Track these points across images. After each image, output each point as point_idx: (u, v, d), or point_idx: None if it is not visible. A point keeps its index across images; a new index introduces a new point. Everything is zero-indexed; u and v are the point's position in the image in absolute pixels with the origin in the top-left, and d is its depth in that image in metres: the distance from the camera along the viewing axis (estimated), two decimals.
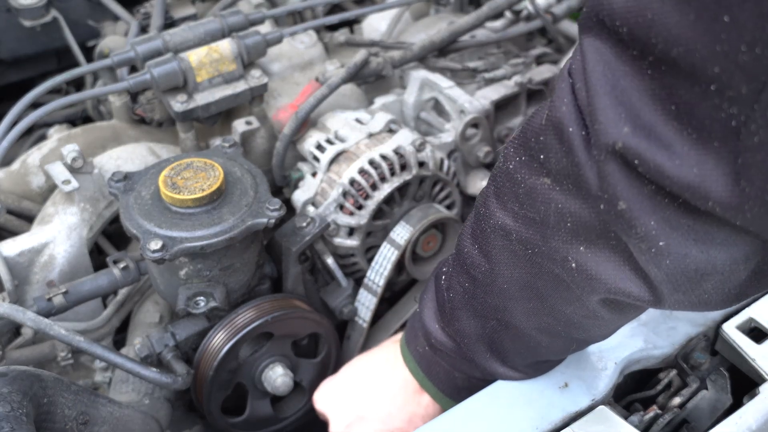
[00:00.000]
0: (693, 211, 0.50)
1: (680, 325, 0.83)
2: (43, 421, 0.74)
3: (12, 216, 1.09)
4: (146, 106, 1.18)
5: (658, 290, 0.56)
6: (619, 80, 0.49)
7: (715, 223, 0.50)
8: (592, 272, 0.58)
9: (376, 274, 1.08)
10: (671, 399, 0.78)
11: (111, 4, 1.35)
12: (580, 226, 0.57)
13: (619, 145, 0.49)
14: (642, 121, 0.48)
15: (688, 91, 0.45)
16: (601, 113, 0.49)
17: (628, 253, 0.56)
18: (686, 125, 0.46)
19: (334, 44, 1.35)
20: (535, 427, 0.74)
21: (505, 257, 0.66)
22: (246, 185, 0.94)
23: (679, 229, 0.51)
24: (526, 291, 0.66)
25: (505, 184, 0.63)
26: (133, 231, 0.88)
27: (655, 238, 0.51)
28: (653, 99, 0.47)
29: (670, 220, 0.51)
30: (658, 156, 0.47)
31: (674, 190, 0.48)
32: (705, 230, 0.51)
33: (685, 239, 0.51)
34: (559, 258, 0.60)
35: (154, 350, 0.96)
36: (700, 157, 0.46)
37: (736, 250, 0.52)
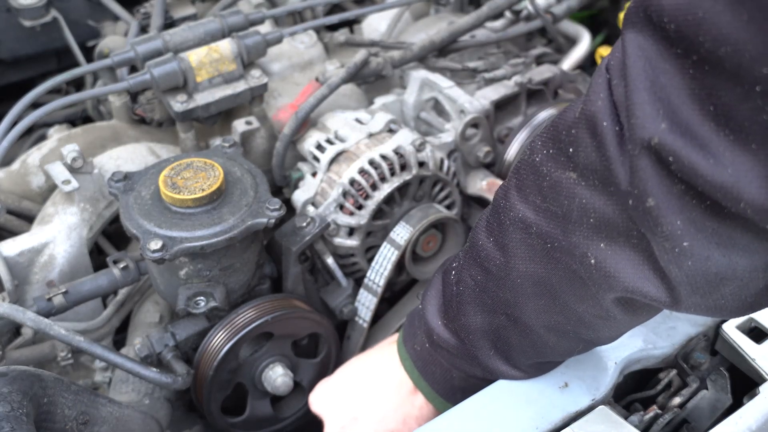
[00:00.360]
0: (719, 214, 0.50)
1: (680, 325, 0.83)
2: (43, 420, 0.74)
3: (12, 216, 1.09)
4: (146, 106, 1.18)
5: (677, 291, 0.56)
6: (659, 77, 0.49)
7: (739, 228, 0.51)
8: (611, 269, 0.58)
9: (376, 274, 1.08)
10: (671, 399, 0.78)
11: (111, 4, 1.35)
12: (603, 222, 0.57)
13: (654, 141, 0.49)
14: (679, 118, 0.48)
15: (730, 92, 0.46)
16: (639, 108, 0.50)
17: (649, 253, 0.56)
18: (724, 126, 0.47)
19: (334, 44, 1.36)
20: (535, 426, 0.74)
21: (522, 251, 0.66)
22: (246, 185, 0.94)
23: (704, 231, 0.51)
24: (540, 287, 0.66)
25: (529, 177, 0.63)
26: (133, 231, 0.88)
27: (680, 238, 0.52)
28: (692, 98, 0.48)
29: (696, 222, 0.51)
30: (693, 155, 0.48)
31: (706, 190, 0.48)
32: (729, 235, 0.51)
33: (709, 242, 0.52)
34: (579, 254, 0.60)
35: (154, 350, 0.96)
36: (736, 158, 0.46)
37: (757, 258, 0.53)
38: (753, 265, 0.53)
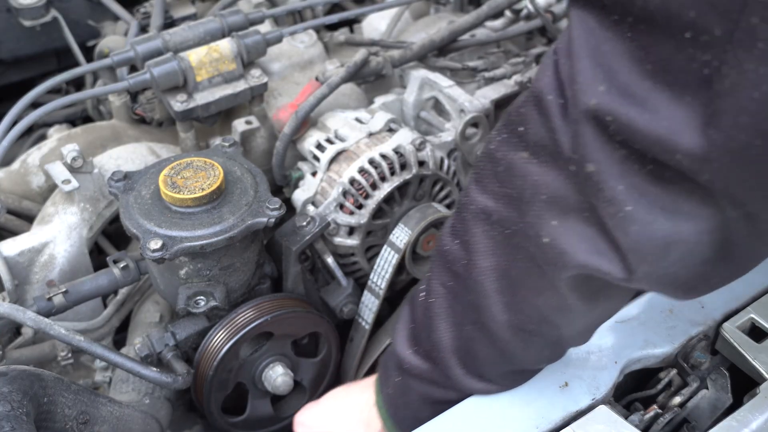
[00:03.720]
0: (662, 179, 0.51)
1: (680, 325, 0.83)
2: (43, 420, 0.74)
3: (12, 216, 1.09)
4: (146, 106, 1.18)
5: (627, 260, 0.56)
6: (600, 45, 0.51)
7: (683, 193, 0.52)
8: (564, 246, 0.58)
9: (378, 276, 1.08)
10: (671, 398, 0.78)
11: (111, 3, 1.35)
12: (555, 198, 0.58)
13: (593, 103, 0.51)
14: (618, 80, 0.50)
15: (664, 46, 0.47)
16: (580, 75, 0.51)
17: (601, 225, 0.56)
18: (661, 82, 0.48)
19: (333, 44, 1.36)
20: (535, 426, 0.74)
21: (483, 244, 0.66)
22: (246, 184, 0.94)
23: (647, 195, 0.52)
24: (501, 281, 0.66)
25: (486, 167, 0.64)
26: (133, 230, 0.88)
27: (623, 203, 0.53)
28: (631, 60, 0.49)
29: (639, 187, 0.52)
30: (631, 112, 0.49)
31: (644, 146, 0.49)
32: (672, 199, 0.52)
33: (653, 206, 0.53)
34: (533, 234, 0.60)
35: (154, 350, 0.96)
36: (672, 111, 0.48)
37: (702, 222, 0.53)
38: (698, 229, 0.54)
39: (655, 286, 0.59)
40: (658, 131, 0.48)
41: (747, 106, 0.45)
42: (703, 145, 0.47)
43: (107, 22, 1.41)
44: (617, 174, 0.52)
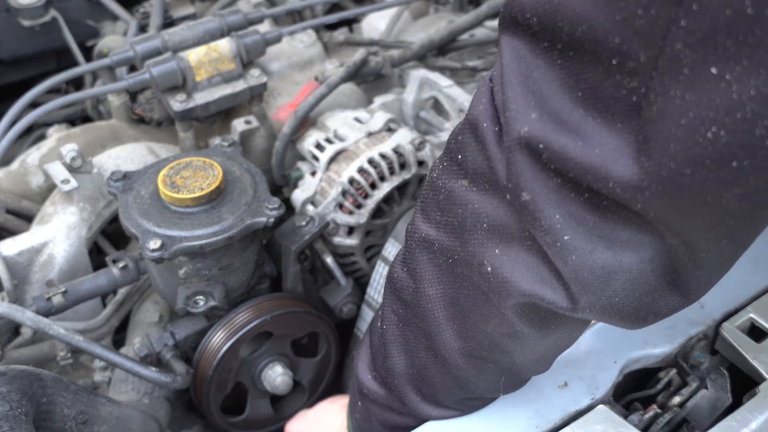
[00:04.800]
0: (599, 207, 0.51)
1: (680, 324, 0.83)
2: (42, 420, 0.74)
3: (11, 216, 1.09)
4: (145, 106, 1.18)
5: (570, 289, 0.56)
6: (532, 73, 0.50)
7: (621, 221, 0.51)
8: (507, 275, 0.57)
9: (374, 290, 1.09)
10: (671, 398, 0.78)
11: (110, 3, 1.35)
12: (496, 226, 0.57)
13: (525, 130, 0.50)
14: (550, 108, 0.49)
15: (593, 73, 0.47)
16: (512, 102, 0.51)
17: (543, 254, 0.55)
18: (592, 109, 0.48)
19: (333, 43, 1.35)
20: (534, 426, 0.74)
21: (429, 273, 0.65)
22: (245, 184, 0.94)
23: (584, 224, 0.52)
24: (450, 309, 0.65)
25: (429, 195, 0.63)
26: (132, 230, 0.88)
27: (560, 232, 0.52)
28: (562, 87, 0.49)
29: (576, 216, 0.51)
30: (563, 139, 0.48)
31: (578, 174, 0.49)
32: (610, 228, 0.52)
33: (591, 235, 0.52)
34: (476, 263, 0.60)
35: (153, 350, 0.96)
36: (603, 139, 0.47)
37: (641, 250, 0.53)
38: (639, 258, 0.53)
39: (601, 317, 0.58)
40: (591, 159, 0.48)
41: (675, 133, 0.44)
42: (635, 173, 0.46)
43: (106, 21, 1.41)
44: (553, 203, 0.51)
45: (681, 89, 0.43)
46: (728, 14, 0.40)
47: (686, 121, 0.43)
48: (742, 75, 0.40)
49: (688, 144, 0.44)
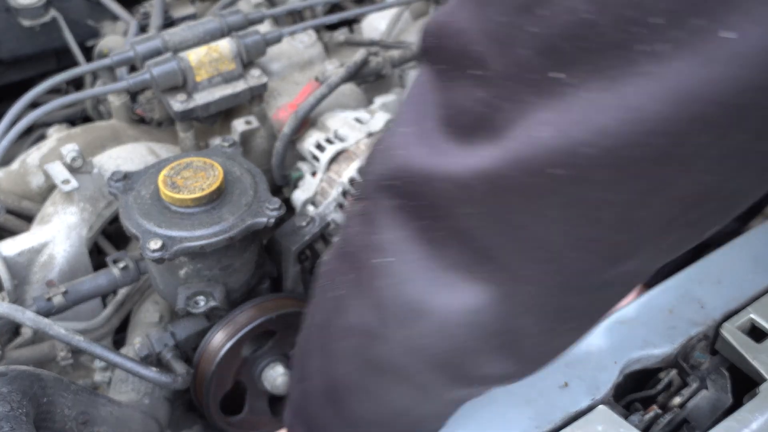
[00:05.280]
0: (432, 239, 0.49)
1: (680, 325, 0.83)
2: (42, 420, 0.74)
3: (11, 216, 1.09)
4: (146, 106, 1.18)
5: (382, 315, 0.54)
6: (423, 96, 0.49)
7: (454, 258, 0.48)
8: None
9: None
10: (671, 398, 0.78)
11: (110, 3, 1.35)
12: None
13: (382, 145, 0.51)
14: (422, 128, 0.48)
15: (462, 89, 0.46)
16: (396, 124, 0.51)
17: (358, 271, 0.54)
18: (453, 125, 0.46)
19: (333, 44, 1.35)
20: (535, 426, 0.74)
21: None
22: (245, 185, 0.94)
23: (414, 253, 0.50)
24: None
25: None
26: (132, 230, 0.88)
27: (387, 252, 0.51)
28: (436, 107, 0.48)
29: (408, 240, 0.50)
30: (424, 158, 0.47)
31: (417, 194, 0.48)
32: (441, 264, 0.49)
33: (416, 266, 0.50)
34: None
35: (153, 350, 0.96)
36: (457, 153, 0.46)
37: (467, 296, 0.49)
38: (462, 303, 0.49)
39: (412, 360, 0.55)
40: (434, 168, 0.46)
41: (517, 135, 0.42)
42: (464, 169, 0.45)
43: (107, 21, 1.41)
44: (389, 223, 0.50)
45: (532, 94, 0.42)
46: (569, 20, 0.39)
47: (528, 124, 0.42)
48: (583, 80, 0.40)
49: (524, 145, 0.42)
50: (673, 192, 0.42)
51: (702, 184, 0.42)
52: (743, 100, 0.36)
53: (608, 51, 0.38)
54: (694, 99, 0.37)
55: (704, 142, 0.39)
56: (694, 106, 0.37)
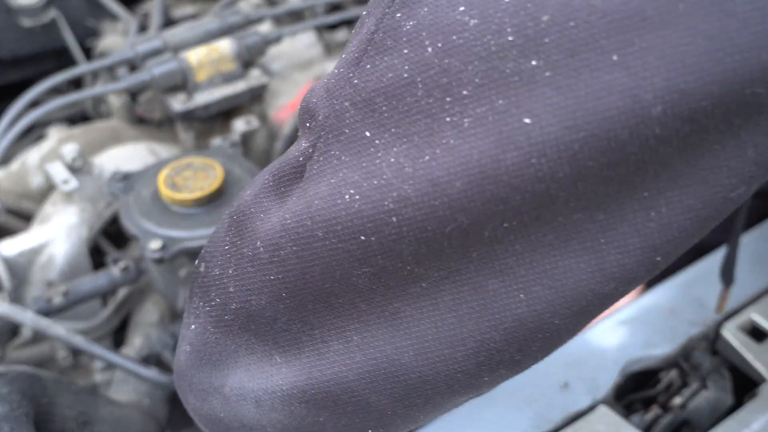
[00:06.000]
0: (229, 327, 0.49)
1: (680, 325, 0.83)
2: (42, 421, 0.74)
3: (11, 216, 1.09)
4: (146, 106, 1.18)
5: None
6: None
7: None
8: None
9: None
10: (672, 399, 0.78)
11: (111, 3, 1.35)
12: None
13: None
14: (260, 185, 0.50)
15: (297, 142, 0.46)
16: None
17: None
18: (274, 174, 0.47)
19: (333, 44, 1.35)
20: (535, 426, 0.74)
21: None
22: (246, 185, 0.94)
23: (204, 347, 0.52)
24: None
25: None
26: (133, 231, 0.88)
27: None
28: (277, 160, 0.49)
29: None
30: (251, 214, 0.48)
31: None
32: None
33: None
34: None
35: (154, 350, 0.96)
36: (272, 207, 0.46)
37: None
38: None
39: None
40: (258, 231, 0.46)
41: (319, 192, 0.41)
42: (277, 224, 0.43)
43: (107, 21, 1.41)
44: (194, 301, 0.53)
45: (340, 149, 0.40)
46: (389, 77, 0.38)
47: (335, 181, 0.40)
48: (389, 142, 0.38)
49: (328, 204, 0.40)
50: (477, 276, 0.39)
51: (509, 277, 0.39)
52: (540, 189, 0.35)
53: (417, 115, 0.37)
54: (488, 179, 0.35)
55: (506, 229, 0.37)
56: (488, 187, 0.35)
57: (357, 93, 0.40)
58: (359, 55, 0.40)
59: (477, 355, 0.41)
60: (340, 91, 0.41)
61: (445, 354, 0.41)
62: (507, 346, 0.40)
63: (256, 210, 0.46)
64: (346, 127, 0.40)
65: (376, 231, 0.39)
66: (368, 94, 0.39)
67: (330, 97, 0.41)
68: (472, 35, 0.35)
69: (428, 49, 0.37)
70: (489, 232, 0.37)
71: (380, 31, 0.39)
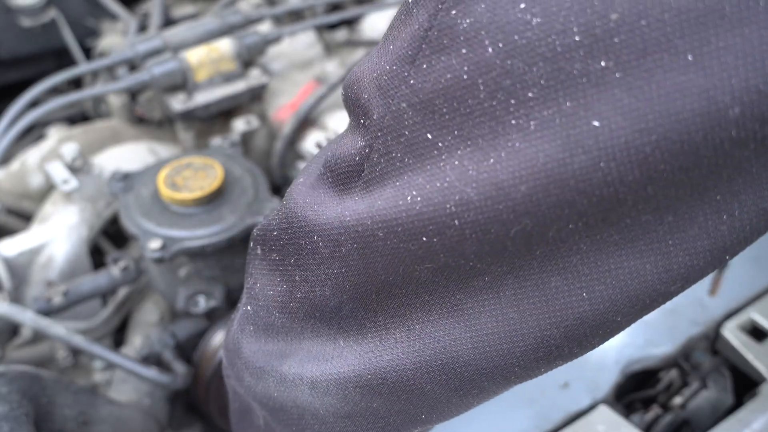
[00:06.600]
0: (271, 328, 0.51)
1: (681, 325, 0.83)
2: (42, 421, 0.74)
3: (11, 216, 1.09)
4: (146, 106, 1.18)
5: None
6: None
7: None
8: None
9: None
10: (672, 398, 0.78)
11: (111, 3, 1.35)
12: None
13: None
14: (310, 178, 0.49)
15: (349, 136, 0.46)
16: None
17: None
18: (329, 172, 0.47)
19: (333, 43, 1.35)
20: (535, 426, 0.74)
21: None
22: (245, 184, 0.94)
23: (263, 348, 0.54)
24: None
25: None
26: (133, 230, 0.88)
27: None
28: (327, 154, 0.49)
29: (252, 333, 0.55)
30: (303, 205, 0.48)
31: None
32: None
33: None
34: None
35: (154, 350, 0.96)
36: (328, 202, 0.47)
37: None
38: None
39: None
40: (314, 223, 0.46)
41: (384, 194, 0.41)
42: (336, 218, 0.44)
43: (107, 21, 1.41)
44: (259, 274, 0.53)
45: (401, 151, 0.40)
46: (448, 78, 0.37)
47: (399, 183, 0.40)
48: (452, 144, 0.38)
49: (390, 205, 0.40)
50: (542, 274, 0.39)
51: (575, 273, 0.39)
52: (608, 193, 0.34)
53: (481, 117, 0.37)
54: (555, 183, 0.35)
55: (571, 230, 0.36)
56: (554, 191, 0.35)
57: (414, 94, 0.39)
58: (413, 52, 0.39)
59: (536, 350, 0.41)
60: (395, 90, 0.40)
61: (504, 348, 0.42)
62: (566, 342, 0.41)
63: (311, 201, 0.46)
64: (405, 129, 0.40)
65: (438, 233, 0.39)
66: (426, 96, 0.38)
67: (384, 96, 0.40)
68: (535, 35, 0.34)
69: (489, 50, 0.35)
70: (553, 233, 0.37)
71: (435, 29, 0.37)
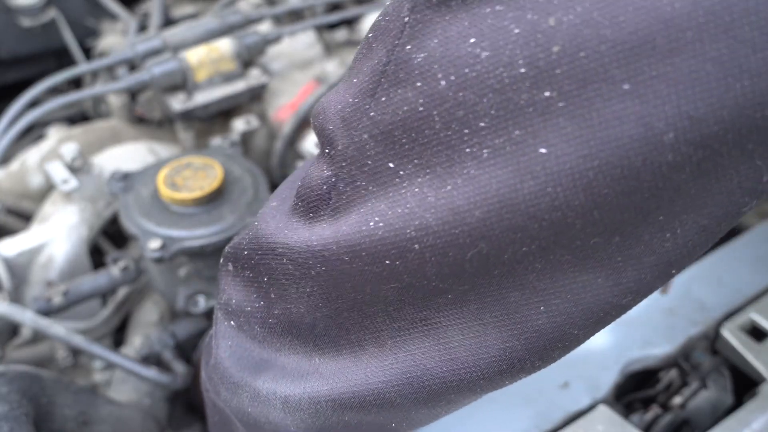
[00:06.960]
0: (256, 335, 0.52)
1: (680, 325, 0.83)
2: (42, 421, 0.74)
3: (11, 216, 1.09)
4: (146, 106, 1.18)
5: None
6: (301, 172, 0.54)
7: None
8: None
9: None
10: (672, 398, 0.78)
11: (110, 3, 1.35)
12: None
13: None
14: (283, 204, 0.51)
15: (317, 167, 0.48)
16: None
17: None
18: (304, 203, 0.48)
19: (333, 43, 1.35)
20: (535, 426, 0.74)
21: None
22: (245, 184, 0.94)
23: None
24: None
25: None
26: (132, 230, 0.88)
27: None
28: (299, 183, 0.50)
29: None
30: (273, 229, 0.50)
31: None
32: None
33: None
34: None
35: (154, 350, 0.96)
36: (296, 228, 0.48)
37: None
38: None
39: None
40: (284, 246, 0.48)
41: (348, 220, 0.43)
42: (305, 242, 0.45)
43: (107, 21, 1.41)
44: (231, 290, 0.54)
45: (365, 180, 0.42)
46: (405, 110, 0.39)
47: (363, 210, 0.42)
48: (413, 172, 0.39)
49: (354, 230, 0.42)
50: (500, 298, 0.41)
51: (529, 297, 0.41)
52: (557, 217, 0.36)
53: (437, 146, 0.38)
54: (507, 208, 0.36)
55: (525, 252, 0.38)
56: (506, 215, 0.37)
57: (375, 126, 0.41)
58: (373, 86, 0.40)
59: (500, 363, 0.43)
60: (357, 122, 0.41)
61: (470, 361, 0.44)
62: (528, 355, 0.44)
63: (282, 225, 0.47)
64: (368, 158, 0.41)
65: (399, 256, 0.41)
66: (386, 127, 0.40)
67: (347, 128, 0.42)
68: (484, 68, 0.36)
69: (441, 83, 0.37)
70: (509, 255, 0.38)
71: (392, 63, 0.39)
